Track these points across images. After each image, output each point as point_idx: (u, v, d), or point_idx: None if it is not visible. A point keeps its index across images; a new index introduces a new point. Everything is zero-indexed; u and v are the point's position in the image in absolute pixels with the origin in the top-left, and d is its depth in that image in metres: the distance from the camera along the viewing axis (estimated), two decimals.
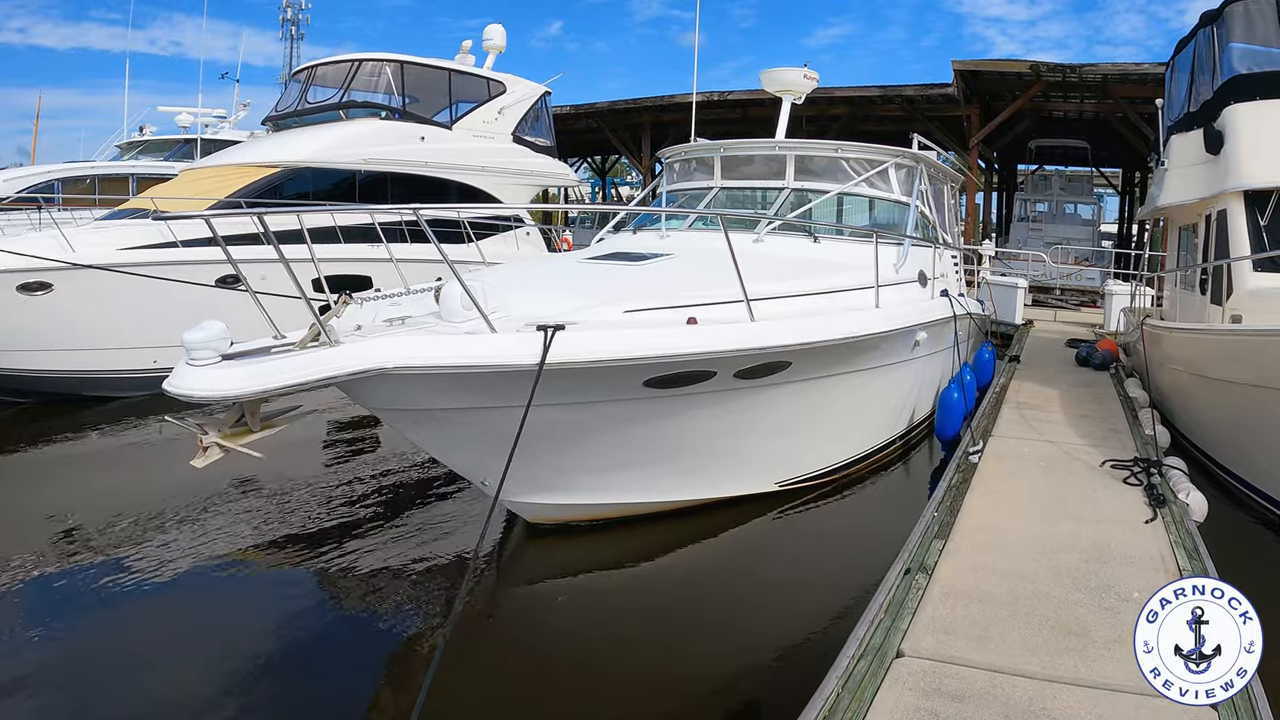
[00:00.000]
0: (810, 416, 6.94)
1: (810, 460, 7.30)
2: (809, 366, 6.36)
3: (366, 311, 5.91)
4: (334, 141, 14.75)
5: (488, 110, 16.51)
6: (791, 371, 6.21)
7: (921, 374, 8.53)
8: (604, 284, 6.45)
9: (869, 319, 6.54)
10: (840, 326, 6.17)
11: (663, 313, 5.72)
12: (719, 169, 9.49)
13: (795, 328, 5.85)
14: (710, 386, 5.82)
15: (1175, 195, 9.78)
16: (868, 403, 7.56)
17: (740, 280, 5.62)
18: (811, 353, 6.09)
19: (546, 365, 4.79)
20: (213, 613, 5.73)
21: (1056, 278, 21.59)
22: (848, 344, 6.30)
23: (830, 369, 6.62)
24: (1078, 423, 8.27)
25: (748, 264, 7.45)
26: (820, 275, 7.27)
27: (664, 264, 7.03)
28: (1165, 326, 8.29)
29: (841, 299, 6.99)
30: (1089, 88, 23.06)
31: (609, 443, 5.97)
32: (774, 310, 6.23)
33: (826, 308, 6.74)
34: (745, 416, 6.37)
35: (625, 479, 6.39)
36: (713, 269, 6.89)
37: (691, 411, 6.02)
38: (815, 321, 6.05)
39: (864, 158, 9.03)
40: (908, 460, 8.83)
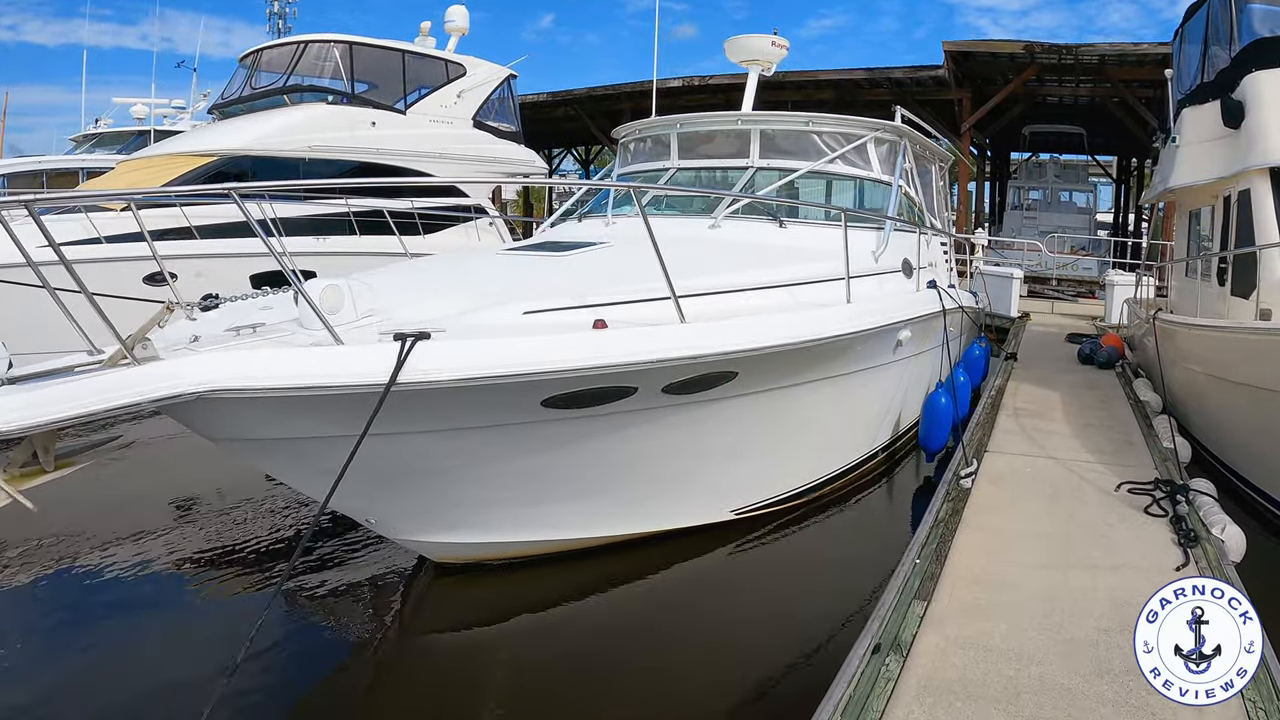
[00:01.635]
0: (769, 434, 5.79)
1: (771, 484, 6.16)
2: (761, 376, 5.21)
3: (225, 316, 4.78)
4: (275, 128, 13.57)
5: (445, 94, 15.30)
6: (739, 383, 5.06)
7: (906, 377, 7.38)
8: (513, 280, 5.32)
9: (835, 317, 5.38)
10: (797, 328, 5.01)
11: (573, 314, 4.59)
12: (675, 147, 8.32)
13: (736, 331, 4.69)
14: (632, 405, 4.67)
15: (1189, 174, 8.63)
16: (840, 415, 6.42)
17: (665, 273, 4.47)
18: (761, 360, 4.94)
19: (402, 384, 3.69)
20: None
21: (1053, 268, 20.43)
22: (808, 348, 5.14)
23: (790, 378, 5.48)
24: (1085, 433, 7.12)
25: (699, 254, 6.35)
26: (785, 265, 6.13)
27: (593, 255, 5.88)
28: (1182, 322, 7.15)
29: (808, 293, 5.84)
30: (1085, 70, 21.88)
31: (512, 474, 4.84)
32: (722, 308, 5.10)
33: (788, 304, 5.59)
34: (684, 438, 5.23)
35: (542, 514, 5.27)
36: (651, 260, 5.79)
37: (613, 434, 4.88)
38: (765, 322, 4.88)
39: (839, 131, 7.87)
40: (891, 475, 7.68)
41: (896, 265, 7.32)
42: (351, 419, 3.87)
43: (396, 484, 4.71)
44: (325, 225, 13.45)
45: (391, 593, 5.54)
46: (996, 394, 8.54)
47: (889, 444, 7.67)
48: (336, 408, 3.91)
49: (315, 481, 4.74)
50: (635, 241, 6.93)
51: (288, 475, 4.79)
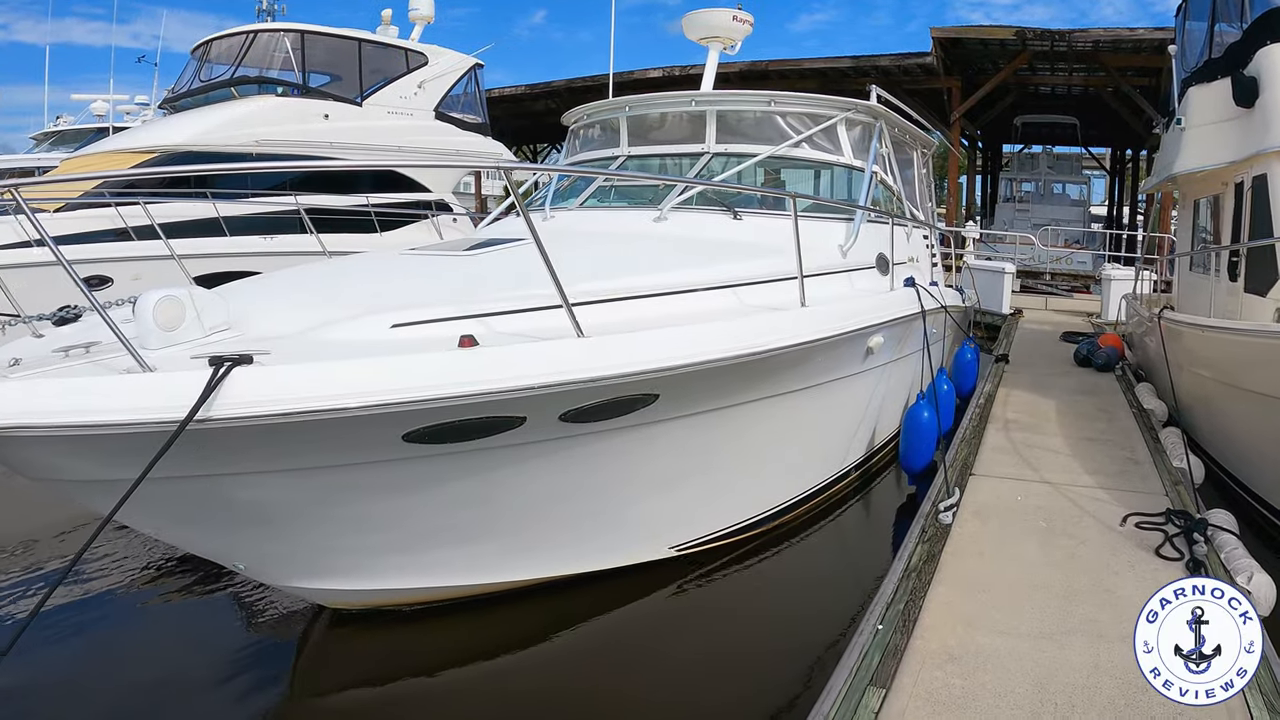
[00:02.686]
0: (712, 462, 4.88)
1: (717, 516, 5.24)
2: (692, 398, 4.30)
3: (65, 333, 3.93)
4: (219, 122, 12.71)
5: (405, 84, 14.38)
6: (664, 407, 4.14)
7: (881, 388, 6.46)
8: (397, 285, 4.44)
9: (782, 326, 4.44)
10: (730, 340, 4.07)
11: (452, 325, 3.70)
12: (625, 132, 7.39)
13: (648, 346, 3.77)
14: (523, 437, 3.76)
15: (1196, 159, 7.72)
16: (800, 435, 5.50)
17: (553, 276, 3.56)
18: (686, 380, 4.02)
19: (206, 422, 2.85)
20: None
21: (1046, 262, 19.51)
22: (747, 363, 4.21)
23: (732, 397, 4.56)
24: (1084, 450, 6.21)
25: (633, 251, 5.46)
26: (735, 262, 5.22)
27: (504, 254, 4.96)
28: (1191, 323, 6.24)
29: (760, 294, 4.93)
30: (1078, 57, 20.88)
31: (385, 517, 3.96)
32: (650, 315, 4.21)
33: (731, 308, 4.68)
34: (599, 471, 4.32)
35: (436, 559, 4.38)
36: (577, 259, 4.90)
37: (503, 471, 3.97)
38: (688, 335, 3.95)
39: (805, 112, 6.94)
40: (868, 496, 6.76)
41: (869, 261, 6.40)
42: (172, 459, 3.01)
43: (251, 528, 3.84)
44: (273, 224, 12.58)
45: (284, 642, 4.66)
46: (985, 403, 7.63)
47: (863, 461, 6.76)
48: (139, 448, 3.02)
49: (169, 529, 3.89)
50: (563, 237, 6.06)
51: (129, 520, 3.92)
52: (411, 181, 14.03)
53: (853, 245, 6.10)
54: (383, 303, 3.93)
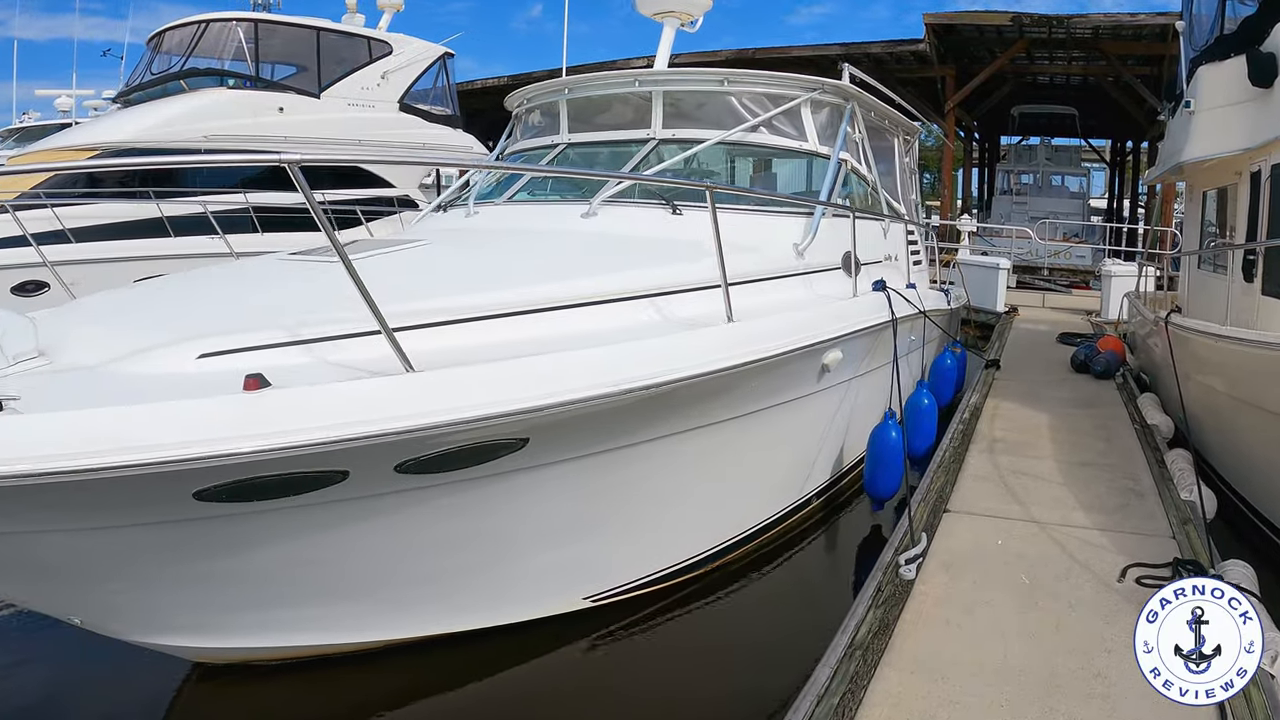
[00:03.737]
0: (624, 503, 4.04)
1: (638, 563, 4.39)
2: (576, 439, 3.46)
3: None
4: (165, 117, 11.90)
5: (367, 75, 13.52)
6: (538, 451, 3.31)
7: (845, 406, 5.60)
8: (233, 303, 3.66)
9: (687, 350, 3.55)
10: (606, 372, 3.18)
11: (271, 354, 2.90)
12: (565, 117, 6.55)
13: (490, 384, 2.92)
14: (352, 491, 2.95)
15: (1207, 146, 6.83)
16: (736, 469, 4.62)
17: (364, 294, 2.74)
18: (559, 421, 3.18)
19: None
20: None
21: (1044, 256, 18.57)
22: (641, 398, 3.36)
23: (634, 434, 3.71)
24: (1079, 478, 5.35)
25: (543, 254, 4.63)
26: (666, 265, 4.38)
27: (386, 260, 4.14)
28: (1204, 331, 5.37)
29: (686, 304, 4.09)
30: (1077, 44, 19.96)
31: (200, 577, 3.21)
32: (530, 335, 3.37)
33: (644, 323, 3.84)
34: (472, 522, 3.51)
35: (292, 616, 3.61)
36: (461, 266, 4.10)
37: (338, 528, 3.18)
38: (549, 368, 3.09)
39: (764, 92, 6.07)
40: (832, 526, 5.90)
41: (833, 261, 5.53)
42: None
43: (67, 585, 3.16)
44: (223, 223, 11.76)
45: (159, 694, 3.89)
46: (971, 417, 6.76)
47: (829, 486, 5.90)
48: None
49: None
50: (466, 238, 5.25)
51: None
52: (373, 176, 13.18)
53: (811, 243, 5.23)
54: (204, 326, 3.16)
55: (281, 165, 2.61)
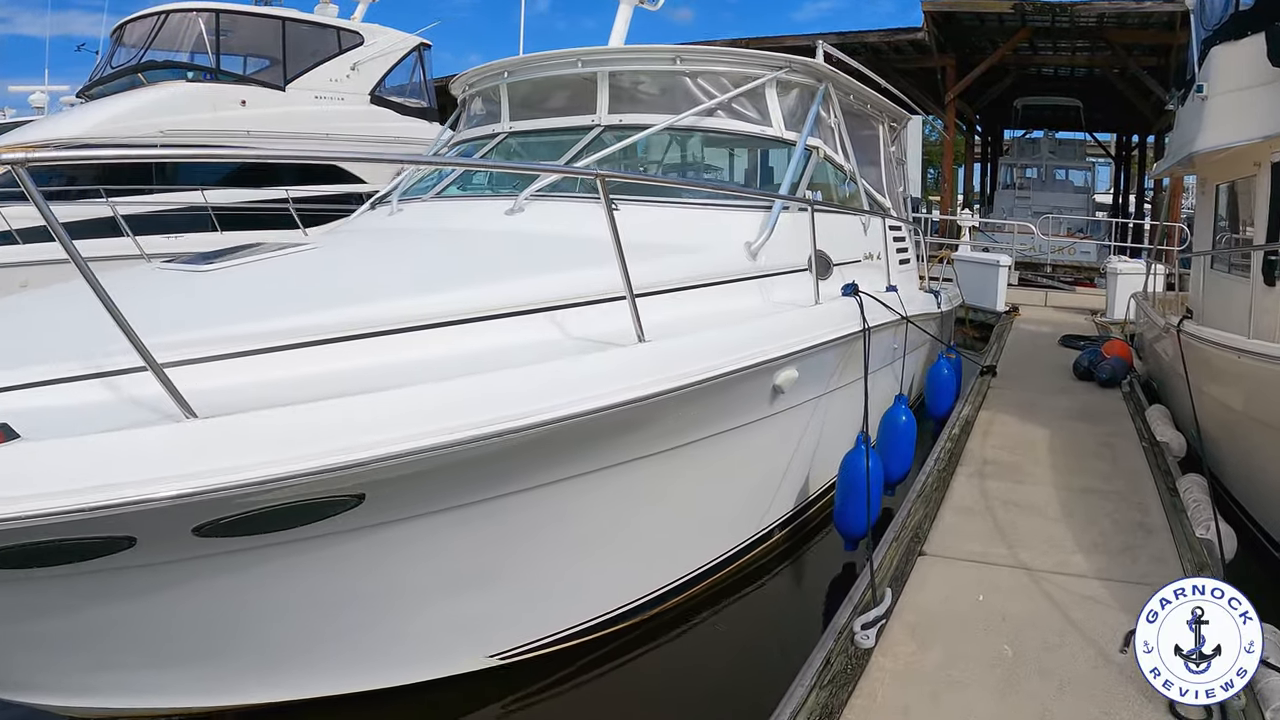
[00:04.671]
0: (525, 552, 3.35)
1: (548, 616, 3.67)
2: (426, 493, 2.77)
3: None
4: (119, 112, 11.28)
5: (336, 66, 12.84)
6: (375, 510, 2.62)
7: (810, 427, 4.87)
8: (64, 325, 2.99)
9: (570, 379, 2.83)
10: (450, 415, 2.48)
11: (41, 393, 2.26)
12: (505, 103, 5.86)
13: (292, 434, 2.25)
14: (151, 556, 2.30)
15: (1222, 134, 6.09)
16: (665, 508, 3.89)
17: (115, 315, 2.10)
18: (404, 479, 2.50)
19: None
20: None
21: (1047, 252, 17.75)
22: (505, 445, 2.65)
23: (514, 482, 3.01)
24: (1079, 509, 4.62)
25: (450, 255, 3.95)
26: (584, 270, 3.67)
27: (253, 269, 3.47)
28: (1221, 342, 4.64)
29: (601, 318, 3.38)
30: (1081, 33, 19.12)
31: (23, 637, 2.55)
32: (383, 361, 2.70)
33: (549, 342, 3.14)
34: (317, 582, 2.85)
35: (153, 678, 2.99)
36: (338, 276, 3.43)
37: (147, 595, 2.55)
38: (369, 411, 2.40)
39: (723, 70, 5.35)
40: (797, 561, 5.18)
41: (798, 262, 4.80)
42: None
43: None
44: (180, 222, 11.12)
45: None
46: (960, 433, 6.03)
47: (794, 516, 5.18)
48: None
49: None
50: (364, 242, 4.58)
51: None
52: (342, 172, 12.51)
53: (766, 242, 4.51)
54: (19, 353, 2.52)
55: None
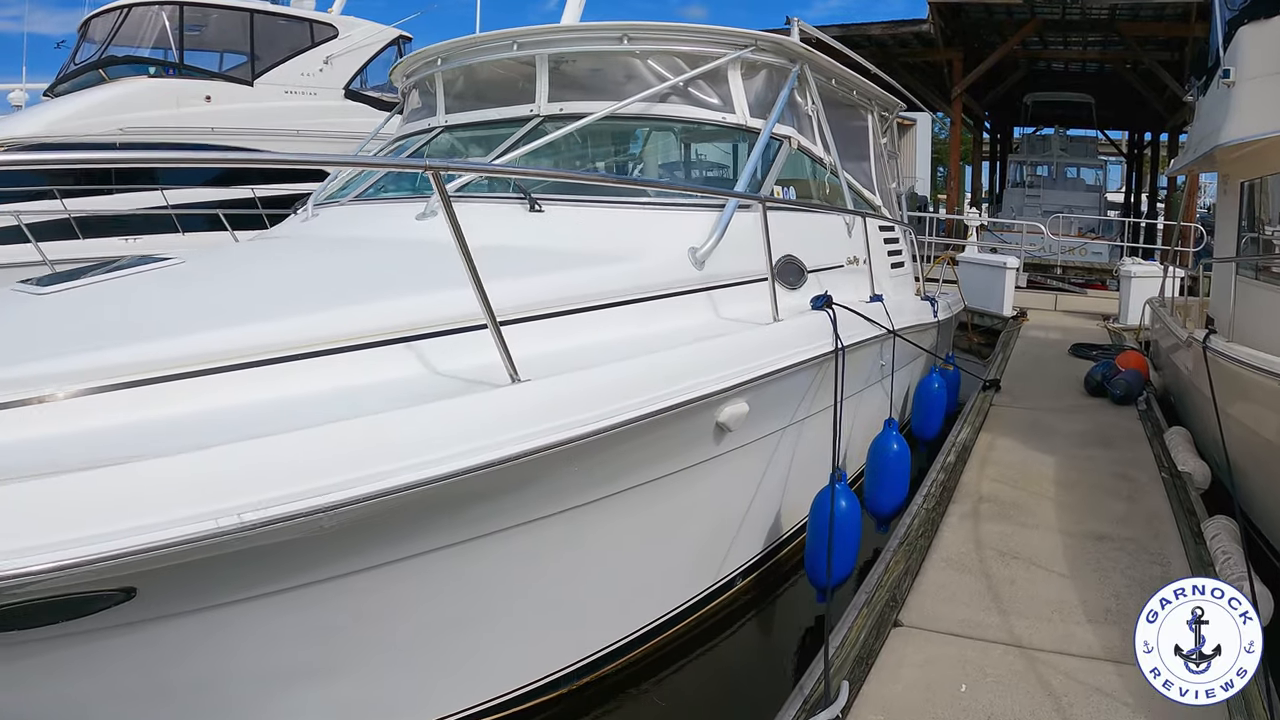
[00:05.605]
0: (382, 635, 2.66)
1: (442, 695, 2.95)
2: (223, 582, 2.09)
3: None
4: (78, 109, 10.71)
5: (308, 60, 12.20)
6: (152, 603, 1.98)
7: (775, 462, 4.16)
8: None
9: (398, 439, 2.13)
10: (203, 500, 1.82)
11: None
12: (441, 95, 5.20)
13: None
14: None
15: (1251, 124, 5.35)
16: (589, 566, 3.18)
17: None
18: (184, 569, 1.83)
19: None
20: None
21: (1057, 253, 16.92)
22: (312, 527, 1.98)
23: (353, 560, 2.33)
24: (1087, 564, 3.88)
25: (341, 267, 3.27)
26: (488, 283, 2.97)
27: (89, 292, 2.83)
28: (1259, 366, 3.91)
29: (484, 349, 2.68)
30: (1093, 26, 18.29)
31: None
32: (223, 406, 2.08)
33: (405, 380, 2.46)
34: (111, 678, 2.20)
35: None
36: (169, 300, 2.77)
37: None
38: (145, 479, 1.76)
39: (679, 50, 4.64)
40: (764, 612, 4.49)
41: (757, 270, 4.06)
42: None
43: None
44: (138, 223, 10.53)
45: None
46: (956, 462, 5.30)
47: (757, 562, 4.47)
48: None
49: None
50: (240, 257, 3.93)
51: None
52: (313, 170, 11.86)
53: (714, 247, 3.79)
54: None
55: None
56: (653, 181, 4.78)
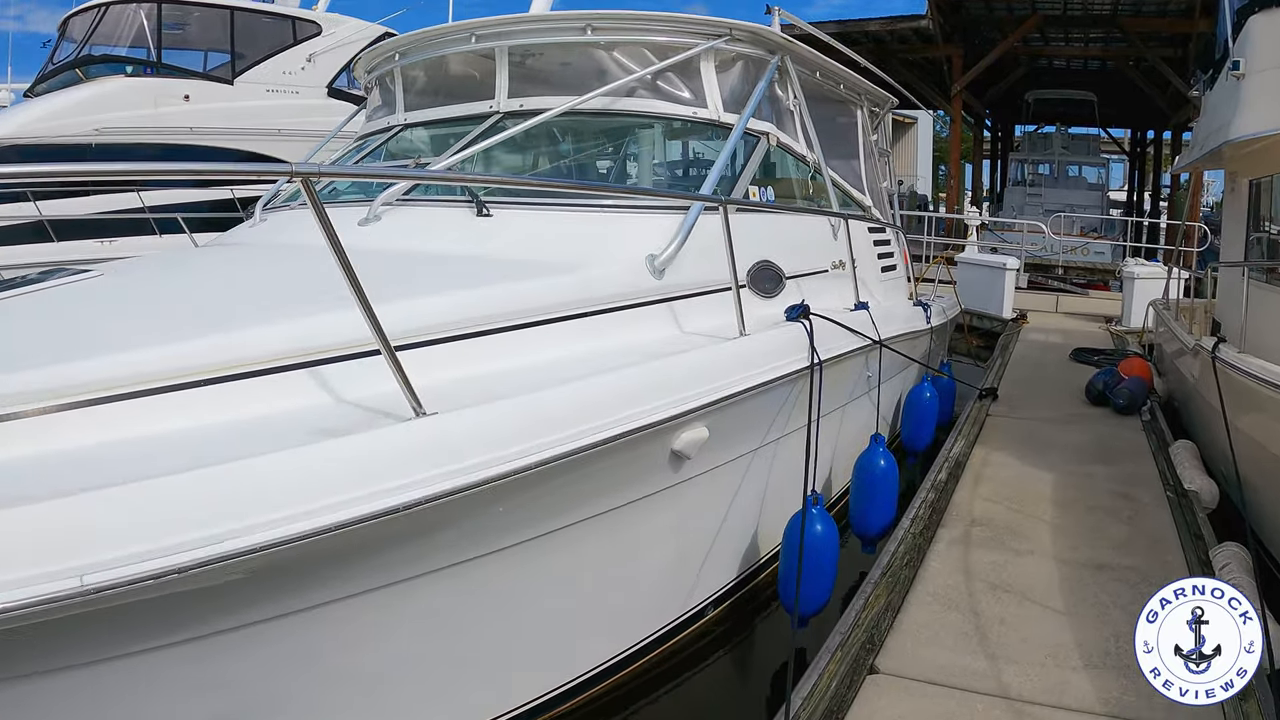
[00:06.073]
0: (298, 687, 2.33)
1: None
2: (59, 642, 1.78)
3: None
4: (52, 110, 10.43)
5: (290, 58, 11.88)
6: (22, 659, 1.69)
7: (747, 484, 3.83)
8: None
9: (263, 485, 1.82)
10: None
11: None
12: (400, 91, 4.89)
13: None
14: None
15: (1263, 118, 5.03)
16: (541, 602, 2.84)
17: None
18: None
19: None
20: None
21: (1058, 252, 16.54)
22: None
23: (248, 611, 2.02)
24: (1085, 600, 3.55)
25: (259, 280, 2.96)
26: (404, 300, 2.66)
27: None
28: (1269, 379, 3.58)
29: (361, 381, 2.35)
30: (1094, 21, 17.92)
31: None
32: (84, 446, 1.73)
33: (308, 411, 2.14)
34: None
35: None
36: (48, 321, 2.44)
37: None
38: None
39: (647, 40, 4.32)
40: (742, 644, 4.16)
41: (723, 278, 3.72)
42: None
43: None
44: (113, 226, 10.23)
45: None
46: (948, 479, 4.96)
47: (733, 588, 4.14)
48: None
49: None
50: (159, 266, 3.63)
51: None
52: None
53: (675, 254, 3.46)
54: None
55: None
56: (596, 184, 4.45)
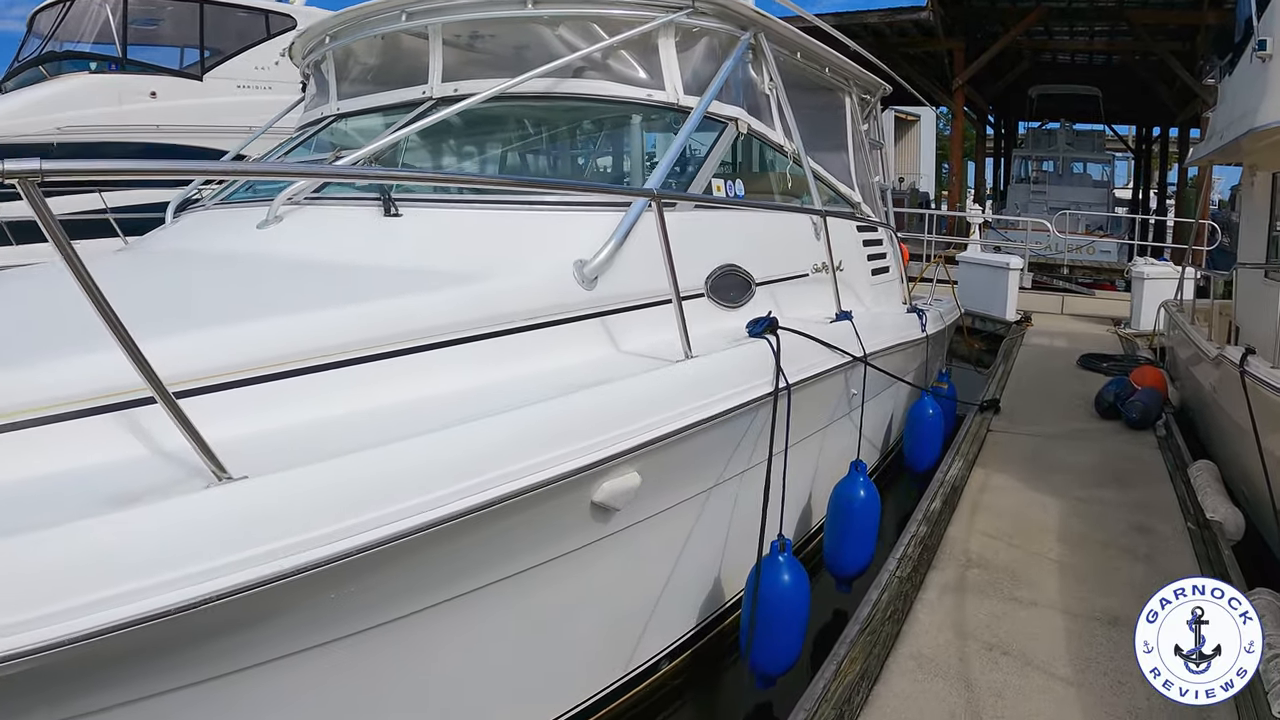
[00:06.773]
0: None
1: None
2: None
3: None
4: (11, 109, 9.98)
5: (263, 53, 11.37)
6: None
7: (701, 527, 3.28)
8: None
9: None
10: None
11: None
12: (333, 78, 4.38)
13: None
14: None
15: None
16: (452, 673, 2.32)
17: None
18: None
19: None
20: None
21: (1063, 251, 15.92)
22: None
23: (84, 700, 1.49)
24: (1095, 665, 2.99)
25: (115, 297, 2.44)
26: (260, 320, 2.12)
27: None
28: None
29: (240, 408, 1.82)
30: (1099, 14, 17.30)
31: None
32: None
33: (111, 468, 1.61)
34: None
35: None
36: None
37: None
38: None
39: (594, 14, 3.77)
40: (697, 699, 3.62)
41: (664, 287, 3.13)
42: None
43: None
44: (79, 227, 9.73)
45: None
46: (943, 507, 4.40)
47: (693, 636, 3.59)
48: None
49: None
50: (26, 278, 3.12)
51: None
52: None
53: (608, 259, 2.90)
54: None
55: None
56: (507, 177, 3.94)
